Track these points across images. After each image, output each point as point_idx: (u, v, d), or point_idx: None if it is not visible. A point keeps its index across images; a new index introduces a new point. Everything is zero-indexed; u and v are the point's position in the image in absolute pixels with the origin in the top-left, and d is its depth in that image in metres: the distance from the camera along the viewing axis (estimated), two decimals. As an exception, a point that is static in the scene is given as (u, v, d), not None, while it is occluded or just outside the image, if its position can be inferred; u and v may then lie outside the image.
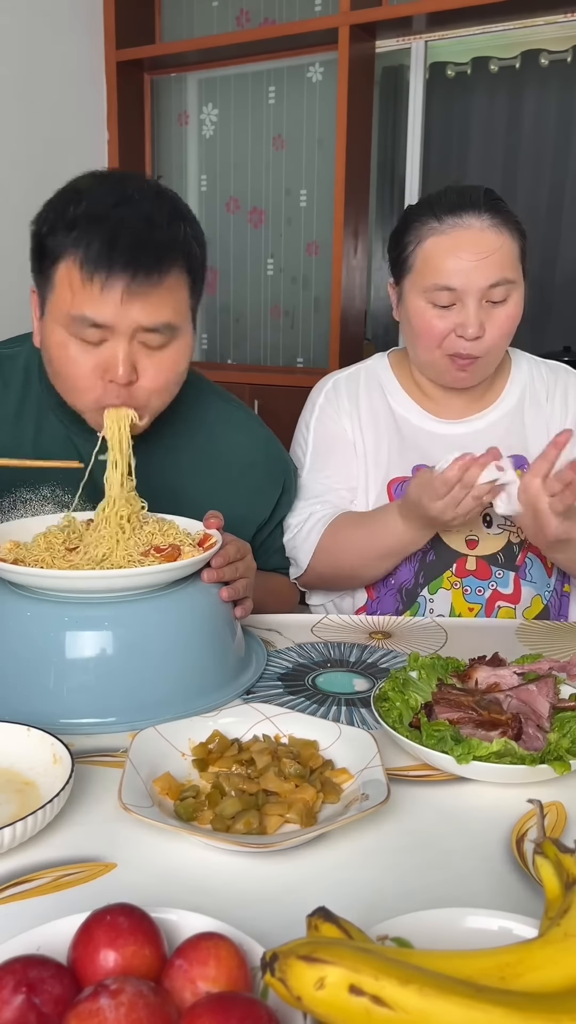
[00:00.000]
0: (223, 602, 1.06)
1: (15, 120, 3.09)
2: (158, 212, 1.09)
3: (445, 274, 1.26)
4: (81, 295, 1.06)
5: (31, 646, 0.94)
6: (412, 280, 1.31)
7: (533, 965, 0.51)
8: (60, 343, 1.09)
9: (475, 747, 0.81)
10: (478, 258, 1.25)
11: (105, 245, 1.04)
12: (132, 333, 1.08)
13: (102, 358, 1.09)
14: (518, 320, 1.32)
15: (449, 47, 3.20)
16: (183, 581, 1.02)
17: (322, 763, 0.82)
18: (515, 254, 1.29)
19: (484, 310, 1.28)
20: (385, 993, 0.45)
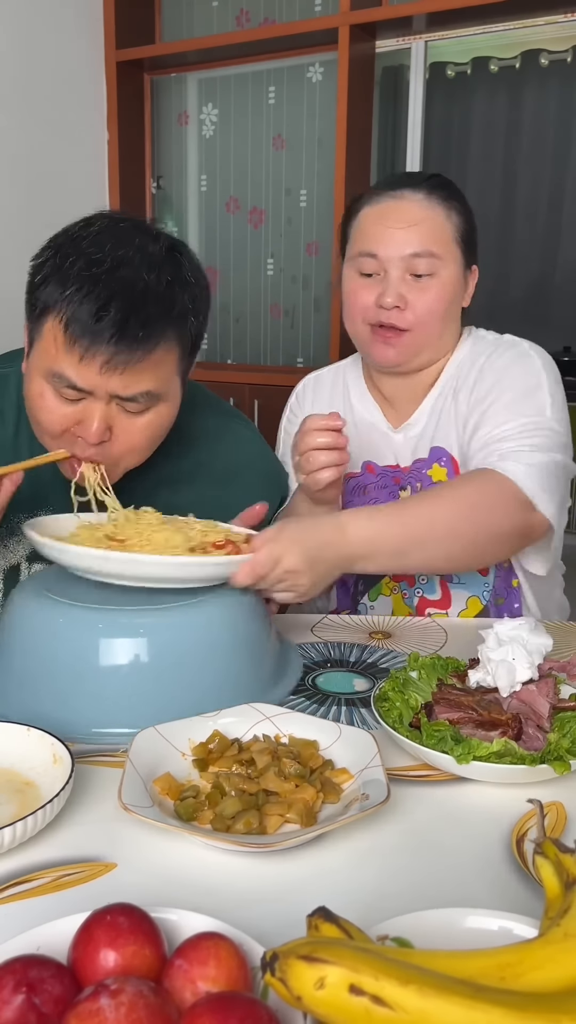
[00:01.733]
0: (257, 607, 1.03)
1: (15, 120, 3.09)
2: (157, 281, 1.04)
3: (369, 240, 1.28)
4: (63, 356, 1.02)
5: (64, 653, 0.92)
6: (347, 253, 1.34)
7: (533, 965, 0.51)
8: (39, 392, 1.07)
9: (475, 747, 0.81)
10: (401, 226, 1.26)
11: (92, 315, 1.00)
12: (109, 398, 1.05)
13: (77, 414, 1.06)
14: (448, 302, 1.28)
15: (449, 47, 3.21)
16: (218, 589, 0.99)
17: (322, 763, 0.82)
18: (447, 231, 1.28)
19: (407, 283, 1.27)
20: (385, 993, 0.45)
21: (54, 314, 1.03)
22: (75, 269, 1.02)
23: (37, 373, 1.07)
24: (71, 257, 1.03)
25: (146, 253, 1.04)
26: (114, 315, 1.00)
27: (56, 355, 1.03)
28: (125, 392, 1.04)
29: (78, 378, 1.03)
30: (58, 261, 1.04)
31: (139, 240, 1.05)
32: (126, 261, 1.02)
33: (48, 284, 1.04)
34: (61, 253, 1.05)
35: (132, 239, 1.05)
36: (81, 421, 1.06)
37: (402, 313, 1.27)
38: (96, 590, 0.98)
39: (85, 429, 1.06)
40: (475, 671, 0.93)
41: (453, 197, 1.30)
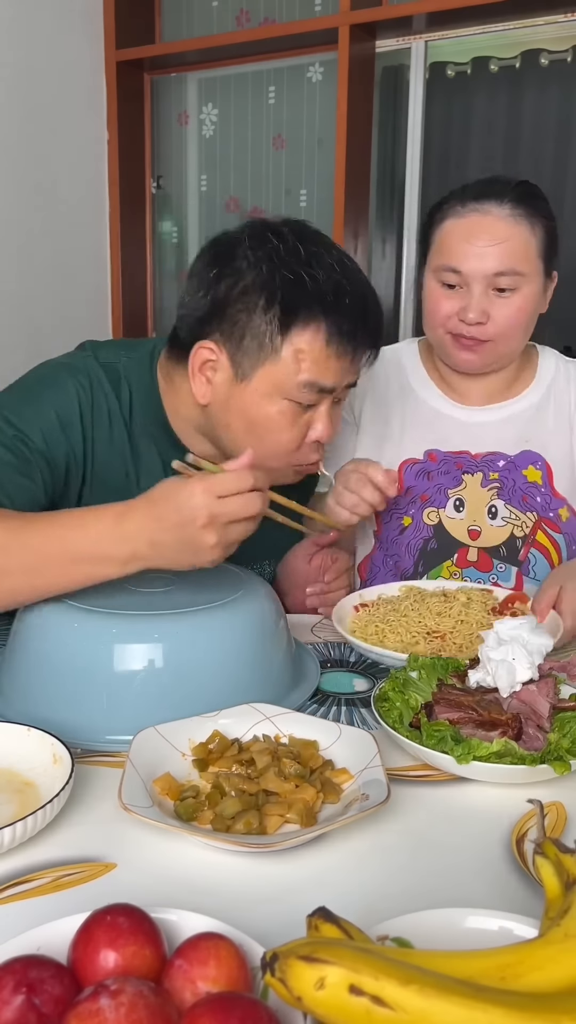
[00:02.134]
0: (275, 614, 1.02)
1: (15, 120, 3.09)
2: (367, 281, 1.13)
3: (454, 256, 1.29)
4: (320, 365, 1.06)
5: (78, 659, 0.92)
6: (429, 260, 1.35)
7: (533, 965, 0.51)
8: (275, 412, 1.08)
9: (475, 747, 0.81)
10: (487, 244, 1.27)
11: (356, 323, 1.07)
12: (339, 393, 1.12)
13: (308, 421, 1.11)
14: (530, 314, 1.32)
15: (449, 47, 3.20)
16: (233, 594, 0.99)
17: (322, 763, 0.82)
18: (532, 247, 1.29)
19: (489, 298, 1.29)
20: (385, 993, 0.45)
21: (310, 326, 1.05)
22: (320, 280, 1.05)
23: (273, 391, 1.08)
24: (303, 272, 1.05)
25: (343, 254, 1.12)
26: (372, 319, 1.10)
27: (310, 366, 1.06)
28: (355, 377, 1.13)
29: (332, 380, 1.09)
30: (290, 274, 1.05)
31: (324, 242, 1.12)
32: (345, 267, 1.09)
33: (294, 302, 1.04)
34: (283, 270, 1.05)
35: (320, 242, 1.11)
36: (315, 430, 1.12)
37: (484, 327, 1.29)
38: (110, 595, 0.97)
39: (323, 434, 1.12)
40: (475, 671, 0.93)
41: (538, 211, 1.30)
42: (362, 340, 1.09)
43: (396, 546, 1.41)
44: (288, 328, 1.05)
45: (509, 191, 1.29)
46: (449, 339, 1.34)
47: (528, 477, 1.39)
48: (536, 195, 1.32)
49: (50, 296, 3.06)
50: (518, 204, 1.29)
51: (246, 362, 1.07)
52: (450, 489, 1.39)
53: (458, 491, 1.39)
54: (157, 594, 0.99)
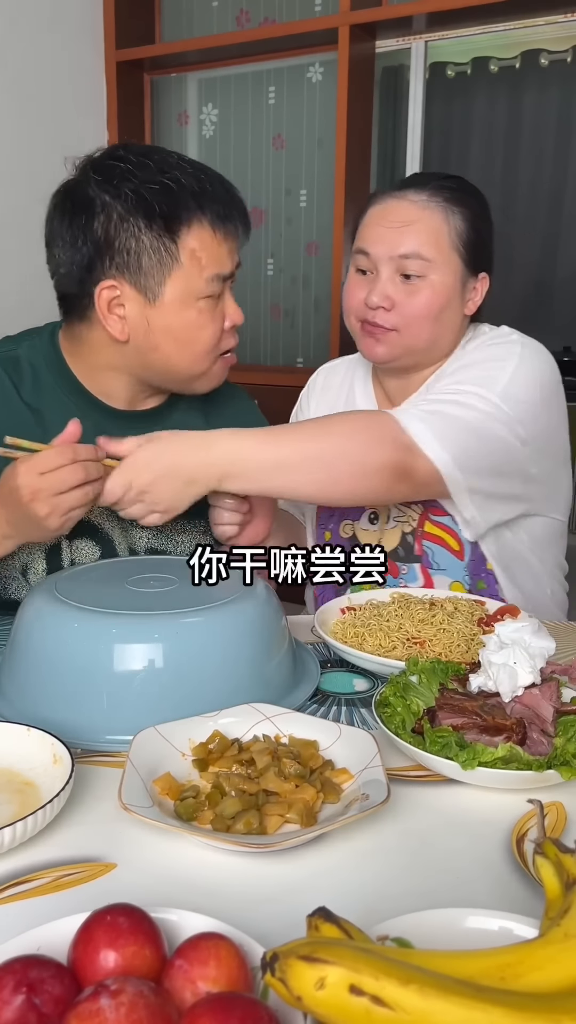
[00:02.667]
0: (275, 614, 1.02)
1: (15, 120, 3.09)
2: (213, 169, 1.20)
3: (364, 238, 1.29)
4: (215, 255, 1.15)
5: (77, 658, 0.91)
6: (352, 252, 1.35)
7: (533, 965, 0.51)
8: (192, 315, 1.16)
9: (480, 753, 0.81)
10: (393, 226, 1.26)
11: (227, 206, 1.15)
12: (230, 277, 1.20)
13: (221, 311, 1.19)
14: (439, 307, 1.27)
15: (449, 47, 3.21)
16: (233, 594, 0.98)
17: (322, 763, 0.82)
18: (443, 234, 1.26)
19: (395, 284, 1.27)
20: (385, 993, 0.45)
21: (196, 223, 1.13)
22: (191, 182, 1.13)
23: (188, 299, 1.15)
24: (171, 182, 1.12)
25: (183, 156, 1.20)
26: (237, 201, 1.18)
27: (208, 260, 1.14)
28: (238, 258, 1.20)
29: (226, 266, 1.17)
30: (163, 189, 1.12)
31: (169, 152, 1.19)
32: (196, 163, 1.17)
33: (176, 209, 1.12)
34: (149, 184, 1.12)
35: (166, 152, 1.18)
36: (228, 316, 1.20)
37: (387, 313, 1.27)
38: (111, 594, 0.97)
39: (234, 317, 1.20)
40: (476, 675, 0.92)
41: (458, 201, 1.27)
42: (237, 217, 1.17)
43: None
44: (176, 233, 1.12)
45: (433, 180, 1.29)
46: (359, 328, 1.32)
47: None
48: (463, 189, 1.30)
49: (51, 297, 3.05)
50: (436, 192, 1.27)
51: (151, 282, 1.13)
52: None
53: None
54: (157, 594, 0.99)
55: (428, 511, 1.33)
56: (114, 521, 1.27)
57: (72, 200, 1.14)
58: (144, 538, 1.30)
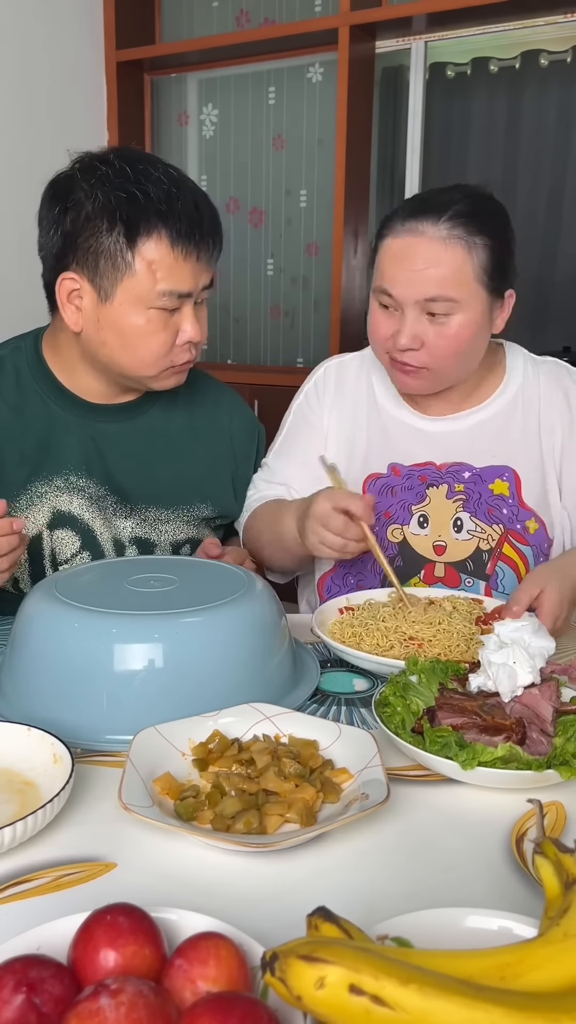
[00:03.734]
0: (274, 613, 1.03)
1: (15, 120, 3.09)
2: (198, 188, 1.23)
3: (387, 278, 1.25)
4: (171, 271, 1.17)
5: (77, 658, 0.91)
6: (373, 276, 1.31)
7: (533, 965, 0.51)
8: (141, 322, 1.19)
9: (480, 753, 0.81)
10: (417, 269, 1.21)
11: (192, 225, 1.16)
12: (197, 295, 1.22)
13: (176, 325, 1.21)
14: (469, 339, 1.26)
15: (449, 47, 3.20)
16: (233, 594, 0.99)
17: (322, 763, 0.82)
18: (467, 271, 1.21)
19: (423, 322, 1.24)
20: (385, 993, 0.45)
21: (152, 237, 1.15)
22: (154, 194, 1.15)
23: (136, 304, 1.18)
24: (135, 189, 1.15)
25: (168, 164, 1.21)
26: (207, 220, 1.19)
27: (162, 275, 1.16)
28: (208, 280, 1.23)
29: (186, 285, 1.18)
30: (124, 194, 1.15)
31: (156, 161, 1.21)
32: (176, 179, 1.19)
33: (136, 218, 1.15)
34: (117, 188, 1.15)
35: (152, 161, 1.20)
36: (183, 331, 1.22)
37: (417, 353, 1.25)
38: (110, 595, 0.98)
39: (190, 334, 1.22)
40: (476, 675, 0.92)
41: (478, 228, 1.22)
42: (203, 238, 1.18)
43: (360, 565, 1.38)
44: (134, 242, 1.15)
45: (449, 208, 1.22)
46: (388, 360, 1.31)
47: (494, 491, 1.35)
48: (482, 211, 1.24)
49: (50, 296, 3.05)
50: (456, 224, 1.21)
51: (106, 282, 1.18)
52: (414, 505, 1.36)
53: (422, 507, 1.36)
54: (157, 593, 0.99)
55: (509, 532, 1.33)
56: (95, 511, 1.31)
57: (55, 190, 1.21)
58: (128, 527, 1.34)
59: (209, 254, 1.20)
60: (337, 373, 1.47)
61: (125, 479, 1.33)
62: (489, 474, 1.36)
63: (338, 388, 1.46)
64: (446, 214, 1.21)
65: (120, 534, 1.33)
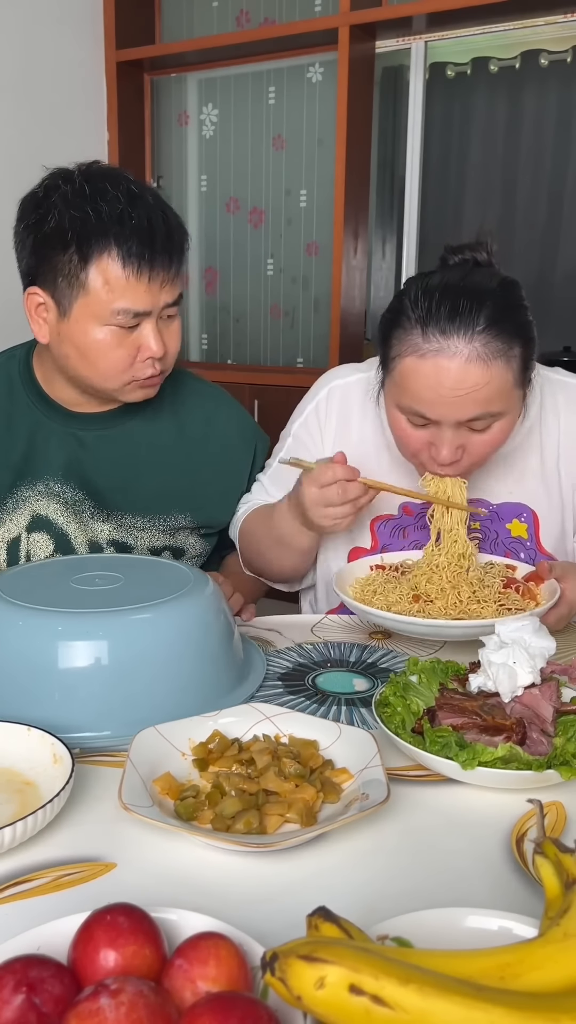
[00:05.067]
0: (220, 611, 1.03)
1: (15, 120, 3.09)
2: (159, 200, 1.22)
3: (419, 402, 1.13)
4: (122, 291, 1.17)
5: (23, 657, 0.92)
6: (389, 386, 1.19)
7: (533, 965, 0.51)
8: (99, 338, 1.20)
9: (480, 753, 0.81)
10: (456, 395, 1.10)
11: (144, 244, 1.16)
12: (160, 312, 1.22)
13: (136, 341, 1.22)
14: (508, 435, 1.19)
15: (449, 47, 3.20)
16: (178, 591, 0.99)
17: (322, 763, 0.82)
18: (508, 382, 1.12)
19: (462, 435, 1.15)
20: (385, 993, 0.45)
21: (101, 259, 1.16)
22: (105, 213, 1.16)
23: (91, 321, 1.20)
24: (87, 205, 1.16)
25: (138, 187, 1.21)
26: (160, 241, 1.18)
27: (114, 294, 1.17)
28: (172, 299, 1.23)
29: (141, 304, 1.19)
30: (77, 213, 1.16)
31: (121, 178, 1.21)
32: (135, 196, 1.19)
33: (84, 236, 1.16)
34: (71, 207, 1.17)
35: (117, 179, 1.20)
36: (141, 348, 1.22)
37: (458, 462, 1.18)
38: (55, 593, 0.98)
39: (148, 350, 1.22)
40: (476, 676, 0.92)
41: (512, 332, 1.11)
42: (155, 257, 1.17)
43: None
44: (86, 262, 1.17)
45: (479, 317, 1.08)
46: (419, 464, 1.23)
47: (512, 532, 1.31)
48: (509, 307, 1.12)
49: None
50: (490, 336, 1.09)
51: (64, 300, 1.21)
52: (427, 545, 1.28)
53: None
54: (102, 591, 1.00)
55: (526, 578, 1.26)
56: (70, 516, 1.34)
57: (24, 206, 1.24)
58: (106, 531, 1.36)
59: (166, 271, 1.19)
60: (341, 399, 1.37)
61: (103, 485, 1.35)
62: (507, 512, 1.31)
63: (341, 417, 1.36)
64: (478, 326, 1.09)
65: (98, 537, 1.36)
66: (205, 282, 3.77)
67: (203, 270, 3.76)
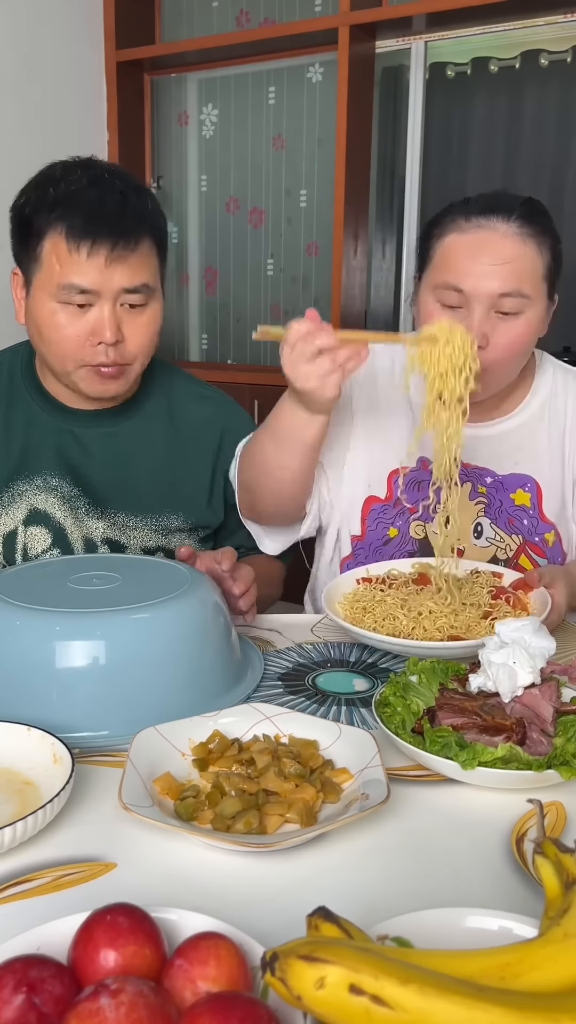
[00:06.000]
0: (218, 611, 1.04)
1: (15, 120, 3.09)
2: (127, 187, 1.23)
3: (456, 273, 1.20)
4: (68, 265, 1.19)
5: (21, 656, 0.92)
6: (427, 274, 1.26)
7: (533, 965, 0.51)
8: (49, 312, 1.22)
9: (480, 753, 0.81)
10: (492, 263, 1.18)
11: (88, 217, 1.18)
12: (116, 296, 1.21)
13: (89, 323, 1.22)
14: (531, 340, 1.25)
15: (449, 47, 3.20)
16: (175, 591, 0.99)
17: (322, 763, 0.82)
18: (538, 269, 1.22)
19: (491, 321, 1.21)
20: (385, 992, 0.45)
21: (51, 234, 1.19)
22: (60, 191, 1.20)
23: (44, 296, 1.22)
24: (50, 186, 1.21)
25: (110, 172, 1.25)
26: (105, 215, 1.18)
27: (61, 268, 1.19)
28: (130, 283, 1.21)
29: (85, 279, 1.19)
30: (41, 192, 1.21)
31: (99, 165, 1.26)
32: (97, 179, 1.22)
33: (39, 212, 1.20)
34: (40, 187, 1.22)
35: (93, 166, 1.25)
36: (94, 331, 1.22)
37: (483, 352, 1.20)
38: (53, 593, 0.98)
39: (99, 334, 1.21)
40: (476, 676, 0.92)
41: (546, 230, 1.23)
42: (101, 233, 1.18)
43: (378, 556, 1.37)
44: (41, 238, 1.20)
45: (517, 207, 1.22)
46: None
47: (516, 500, 1.35)
48: (544, 213, 1.25)
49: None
50: (527, 222, 1.21)
51: (28, 276, 1.25)
52: (440, 504, 1.31)
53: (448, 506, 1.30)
54: (99, 591, 1.00)
55: (527, 544, 1.34)
56: (67, 511, 1.34)
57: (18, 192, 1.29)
58: (100, 528, 1.36)
59: (111, 249, 1.18)
60: (379, 359, 1.39)
61: (97, 482, 1.36)
62: (511, 482, 1.35)
63: (369, 375, 1.39)
64: (515, 212, 1.21)
65: (92, 534, 1.36)
66: (205, 282, 3.77)
67: (203, 270, 3.76)
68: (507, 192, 1.27)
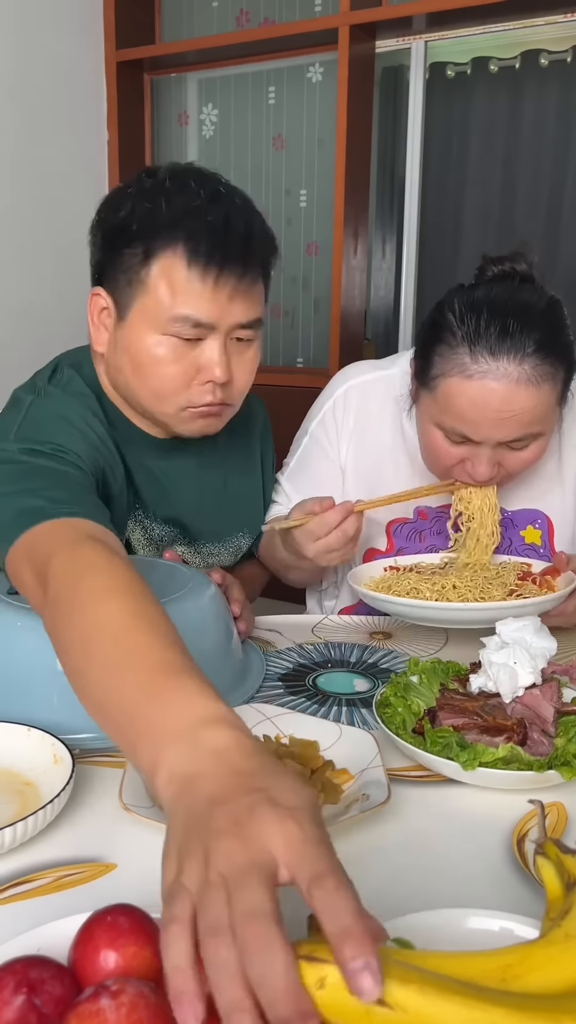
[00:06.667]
0: (220, 612, 1.03)
1: (15, 120, 3.09)
2: (247, 206, 1.10)
3: (462, 422, 1.12)
4: (186, 294, 1.04)
5: (22, 657, 0.92)
6: (429, 403, 1.17)
7: (534, 966, 0.51)
8: (154, 348, 1.07)
9: (481, 753, 0.81)
10: (502, 417, 1.09)
11: (216, 242, 1.03)
12: (229, 331, 1.08)
13: (198, 360, 1.07)
14: (542, 454, 1.19)
15: (449, 47, 3.20)
16: (177, 592, 0.99)
17: (323, 763, 0.82)
18: (551, 405, 1.12)
19: (500, 452, 1.15)
20: (385, 993, 0.45)
21: (164, 256, 1.03)
22: (177, 207, 1.03)
23: (147, 326, 1.06)
24: (160, 199, 1.04)
25: (226, 187, 1.10)
26: (234, 241, 1.03)
27: (176, 297, 1.04)
28: (246, 318, 1.08)
29: (204, 312, 1.04)
30: (147, 207, 1.05)
31: (209, 178, 1.10)
32: (217, 195, 1.07)
33: (148, 231, 1.04)
34: (143, 200, 1.05)
35: (203, 177, 1.10)
36: (201, 369, 1.07)
37: (492, 479, 1.18)
38: None
39: (208, 372, 1.07)
40: (476, 676, 0.92)
41: (561, 356, 1.10)
42: (228, 261, 1.03)
43: None
44: (149, 259, 1.04)
45: (529, 340, 1.06)
46: (448, 475, 1.22)
47: (526, 539, 1.32)
48: (558, 328, 1.11)
49: (51, 296, 3.06)
50: (540, 359, 1.07)
51: (123, 300, 1.08)
52: (444, 551, 1.30)
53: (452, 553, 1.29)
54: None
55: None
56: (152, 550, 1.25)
57: (103, 203, 1.13)
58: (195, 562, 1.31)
59: (238, 281, 1.04)
60: (360, 399, 1.34)
61: (186, 517, 1.27)
62: (521, 519, 1.32)
63: (359, 419, 1.33)
64: (528, 348, 1.07)
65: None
66: (205, 282, 3.76)
67: (203, 270, 3.75)
68: (517, 310, 1.08)
